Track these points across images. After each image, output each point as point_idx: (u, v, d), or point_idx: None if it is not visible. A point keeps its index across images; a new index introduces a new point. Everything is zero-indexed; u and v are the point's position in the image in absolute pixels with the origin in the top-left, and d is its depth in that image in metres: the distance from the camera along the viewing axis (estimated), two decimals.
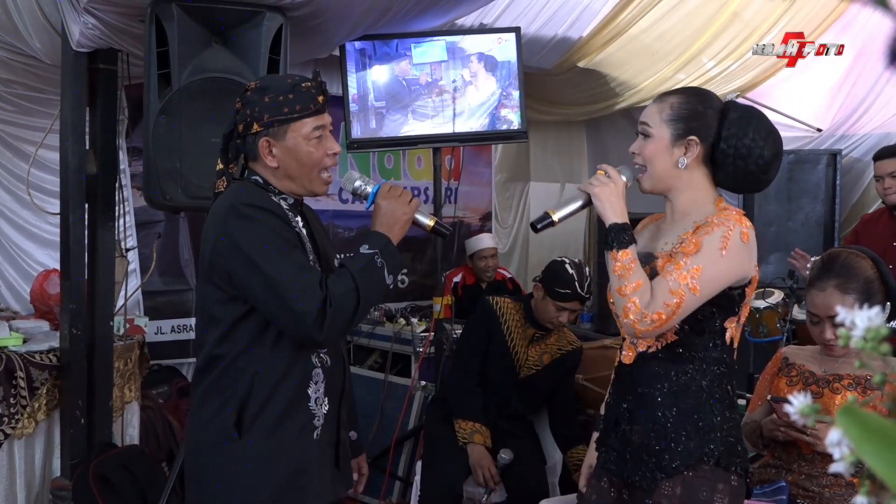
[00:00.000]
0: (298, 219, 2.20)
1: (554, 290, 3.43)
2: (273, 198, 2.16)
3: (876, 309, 0.61)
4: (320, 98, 2.15)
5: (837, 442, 0.55)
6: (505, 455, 3.36)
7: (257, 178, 2.17)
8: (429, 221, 2.25)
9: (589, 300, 3.63)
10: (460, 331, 3.97)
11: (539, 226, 2.13)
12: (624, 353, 2.20)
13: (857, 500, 0.58)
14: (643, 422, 2.13)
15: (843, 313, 0.63)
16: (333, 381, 2.21)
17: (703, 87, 5.98)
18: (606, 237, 2.06)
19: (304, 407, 2.14)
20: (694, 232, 2.08)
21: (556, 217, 2.12)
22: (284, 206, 2.16)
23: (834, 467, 0.60)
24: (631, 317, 1.99)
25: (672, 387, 2.11)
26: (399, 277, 6.27)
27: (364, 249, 2.12)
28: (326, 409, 2.18)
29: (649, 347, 2.14)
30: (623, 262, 2.02)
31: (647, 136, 2.14)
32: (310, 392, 2.15)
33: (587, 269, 3.53)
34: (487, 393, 3.60)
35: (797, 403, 0.63)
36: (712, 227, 2.05)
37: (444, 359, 4.19)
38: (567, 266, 3.45)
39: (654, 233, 2.23)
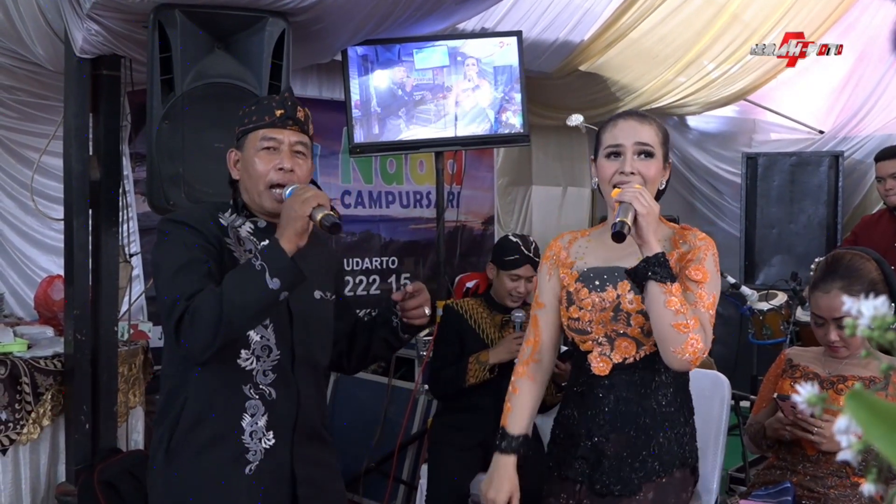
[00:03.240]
0: (266, 242, 2.06)
1: (503, 260, 3.48)
2: (225, 214, 2.13)
3: (882, 298, 0.62)
4: (278, 112, 2.12)
5: (845, 429, 0.56)
6: (519, 314, 3.37)
7: (238, 196, 2.19)
8: (318, 215, 1.98)
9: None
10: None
11: (625, 232, 1.95)
12: (595, 365, 2.15)
13: (864, 487, 0.59)
14: (624, 431, 2.13)
15: (848, 303, 0.64)
16: (281, 416, 2.11)
17: (705, 90, 6.06)
18: (651, 267, 1.96)
19: (235, 438, 2.06)
20: (681, 259, 2.08)
21: (629, 221, 1.97)
22: (247, 229, 2.12)
23: (841, 455, 0.60)
24: (697, 353, 1.97)
25: (650, 395, 2.13)
26: (402, 282, 6.28)
27: None
28: (270, 443, 2.08)
29: (626, 359, 2.13)
30: (678, 296, 1.96)
31: (650, 155, 2.12)
32: (244, 424, 2.06)
33: (531, 237, 3.58)
34: (479, 392, 3.61)
35: (805, 392, 0.64)
36: (702, 251, 2.09)
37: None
38: (510, 237, 3.53)
39: (609, 247, 2.11)
